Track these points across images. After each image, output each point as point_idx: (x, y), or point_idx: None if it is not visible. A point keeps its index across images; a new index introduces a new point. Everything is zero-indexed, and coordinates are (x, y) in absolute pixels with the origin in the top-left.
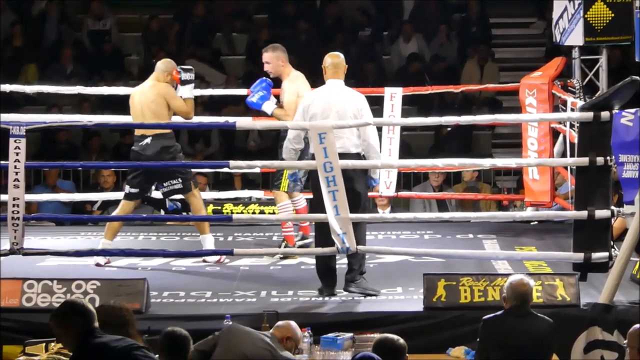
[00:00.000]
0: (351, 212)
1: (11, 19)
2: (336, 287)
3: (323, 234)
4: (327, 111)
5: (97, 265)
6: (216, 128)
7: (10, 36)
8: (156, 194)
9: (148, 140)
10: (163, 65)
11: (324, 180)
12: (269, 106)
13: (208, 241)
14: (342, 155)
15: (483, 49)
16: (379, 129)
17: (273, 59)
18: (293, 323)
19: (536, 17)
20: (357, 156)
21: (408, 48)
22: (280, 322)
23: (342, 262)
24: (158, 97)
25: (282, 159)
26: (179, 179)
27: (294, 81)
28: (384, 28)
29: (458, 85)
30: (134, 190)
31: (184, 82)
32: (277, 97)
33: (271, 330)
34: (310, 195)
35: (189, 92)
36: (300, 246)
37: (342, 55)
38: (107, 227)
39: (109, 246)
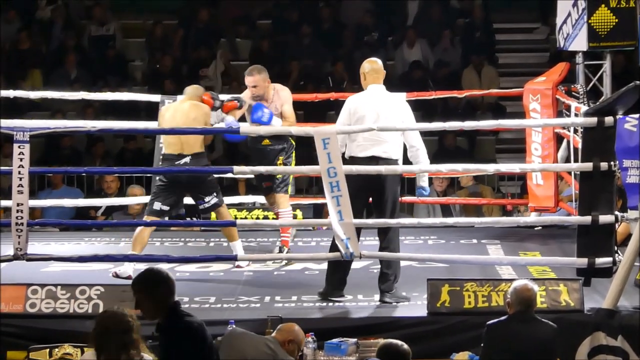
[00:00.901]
0: (389, 217)
1: (16, 25)
2: (341, 293)
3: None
4: (375, 116)
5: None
6: (220, 133)
7: (15, 42)
8: None
9: (187, 159)
10: (196, 90)
11: (328, 186)
12: (277, 121)
13: (237, 247)
14: (386, 160)
15: (482, 56)
16: None
17: (260, 81)
18: (295, 326)
19: (540, 22)
20: (397, 163)
21: (412, 53)
22: (282, 325)
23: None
24: (201, 117)
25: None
26: (214, 194)
27: (285, 89)
28: (387, 33)
29: (462, 91)
30: (164, 208)
31: (214, 109)
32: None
33: (273, 334)
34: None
35: (215, 118)
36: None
37: (380, 61)
38: (134, 240)
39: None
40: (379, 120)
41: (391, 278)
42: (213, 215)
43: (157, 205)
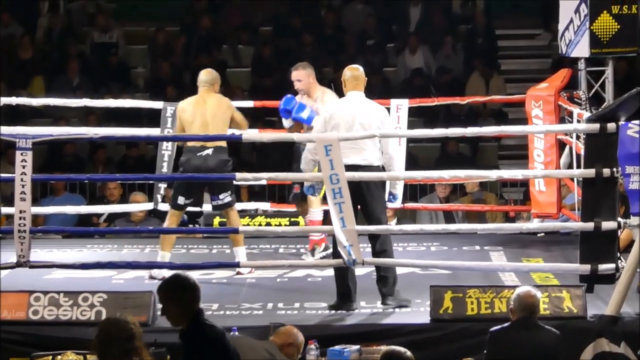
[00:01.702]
0: (379, 224)
1: (19, 32)
2: (352, 305)
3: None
4: (351, 123)
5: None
6: (222, 140)
7: (17, 49)
8: (164, 206)
9: (209, 151)
10: (209, 76)
11: (330, 193)
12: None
13: (240, 253)
14: (365, 168)
15: (484, 63)
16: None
17: (305, 76)
18: (294, 329)
19: (542, 28)
20: (379, 169)
21: (414, 60)
22: (280, 329)
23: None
24: (228, 110)
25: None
26: (230, 192)
27: (333, 97)
28: (389, 40)
29: (464, 97)
30: (188, 202)
31: None
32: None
33: (271, 337)
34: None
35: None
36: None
37: (361, 68)
38: (163, 239)
39: (168, 257)
40: (353, 127)
41: (391, 281)
42: (215, 222)
43: (181, 200)
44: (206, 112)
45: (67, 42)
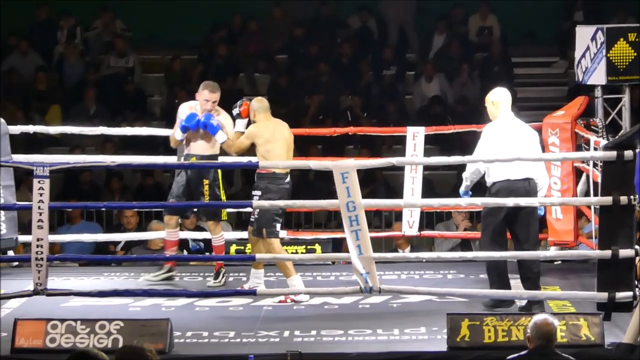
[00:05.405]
0: (529, 248)
1: (36, 61)
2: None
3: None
4: (516, 142)
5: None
6: (238, 168)
7: (35, 77)
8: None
9: (289, 178)
10: (266, 103)
11: (347, 220)
12: (222, 136)
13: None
14: (534, 181)
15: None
16: (401, 168)
17: (218, 98)
18: None
19: (558, 56)
20: (536, 183)
21: (430, 87)
22: None
23: (365, 302)
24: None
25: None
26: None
27: (228, 116)
28: (406, 67)
29: (481, 125)
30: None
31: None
32: None
33: None
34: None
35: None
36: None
37: (506, 90)
38: (284, 266)
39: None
40: (517, 146)
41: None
42: (232, 249)
43: (278, 227)
44: (286, 137)
45: (83, 70)
